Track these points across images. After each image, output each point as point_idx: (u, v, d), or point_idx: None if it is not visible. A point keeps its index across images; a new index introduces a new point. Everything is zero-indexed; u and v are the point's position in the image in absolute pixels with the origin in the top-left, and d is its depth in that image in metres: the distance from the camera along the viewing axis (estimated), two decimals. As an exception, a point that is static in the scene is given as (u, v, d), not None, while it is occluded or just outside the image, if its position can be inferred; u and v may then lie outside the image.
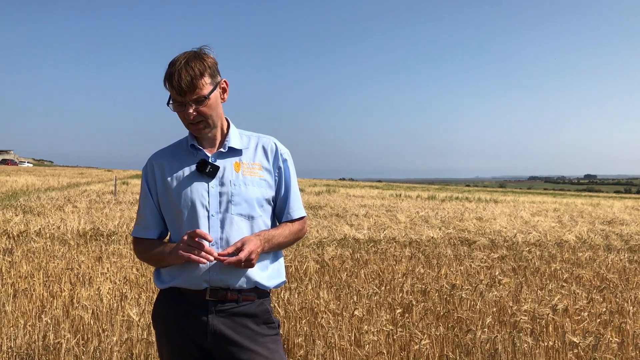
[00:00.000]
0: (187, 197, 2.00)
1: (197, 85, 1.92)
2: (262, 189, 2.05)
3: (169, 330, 2.05)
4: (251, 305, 2.03)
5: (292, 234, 2.12)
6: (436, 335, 4.21)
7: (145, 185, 2.12)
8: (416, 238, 10.29)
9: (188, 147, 2.07)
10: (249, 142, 2.12)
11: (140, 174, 2.35)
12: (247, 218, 2.02)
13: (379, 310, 4.88)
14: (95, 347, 3.94)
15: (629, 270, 7.66)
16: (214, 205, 1.99)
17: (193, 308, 2.00)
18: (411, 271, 6.82)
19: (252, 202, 2.02)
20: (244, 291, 2.01)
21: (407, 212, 16.96)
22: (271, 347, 2.04)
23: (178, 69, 1.91)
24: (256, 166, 2.07)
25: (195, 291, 1.99)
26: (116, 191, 21.33)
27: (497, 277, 6.47)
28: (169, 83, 1.94)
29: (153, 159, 2.12)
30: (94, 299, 4.95)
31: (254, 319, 2.03)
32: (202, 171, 2.01)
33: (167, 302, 2.07)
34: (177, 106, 1.97)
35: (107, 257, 6.97)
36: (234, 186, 2.01)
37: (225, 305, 1.99)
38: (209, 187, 2.00)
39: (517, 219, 15.58)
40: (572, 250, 9.60)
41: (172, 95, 1.96)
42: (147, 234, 2.10)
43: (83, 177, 42.08)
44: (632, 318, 4.91)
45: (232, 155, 2.07)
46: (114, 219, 11.30)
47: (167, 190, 2.04)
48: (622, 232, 13.12)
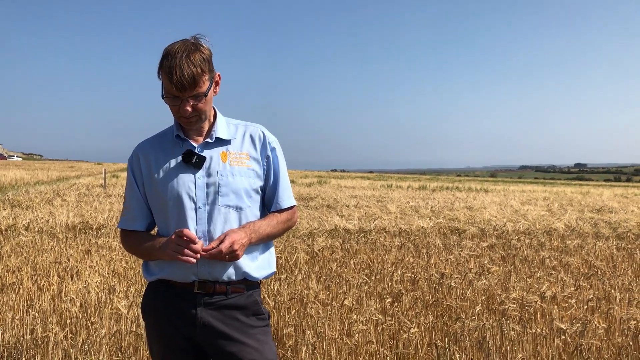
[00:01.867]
0: (174, 188, 1.96)
1: (198, 83, 1.87)
2: (250, 179, 2.01)
3: (158, 322, 2.04)
4: (240, 297, 2.01)
5: (280, 224, 2.09)
6: (425, 324, 4.23)
7: (131, 176, 2.07)
8: (406, 228, 10.31)
9: (174, 137, 2.03)
10: (236, 132, 2.07)
11: None
12: (235, 209, 1.98)
13: (369, 300, 4.89)
14: (84, 340, 3.94)
15: (616, 257, 7.71)
16: (201, 196, 1.96)
17: (181, 301, 1.98)
18: (401, 261, 6.84)
19: (239, 192, 1.98)
20: (232, 283, 1.99)
21: (397, 202, 17.00)
22: (261, 338, 2.03)
23: (179, 63, 1.83)
24: (244, 156, 2.02)
25: (183, 284, 1.97)
26: (106, 184, 21.22)
27: (486, 265, 6.51)
28: (167, 76, 1.85)
29: (138, 149, 2.08)
30: (82, 292, 4.93)
31: (243, 311, 2.01)
32: (188, 162, 1.96)
33: (156, 295, 2.05)
34: (172, 100, 1.91)
35: (96, 250, 6.94)
36: (221, 177, 1.97)
37: (213, 297, 1.97)
38: (196, 178, 1.97)
39: (507, 208, 15.65)
40: (561, 238, 9.66)
41: (167, 88, 1.89)
42: (134, 225, 2.07)
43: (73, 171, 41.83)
44: (618, 304, 4.96)
45: (219, 144, 2.02)
46: (103, 212, 11.24)
47: (153, 181, 2.00)
48: (610, 219, 13.22)
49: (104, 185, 20.81)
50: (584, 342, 3.85)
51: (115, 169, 49.49)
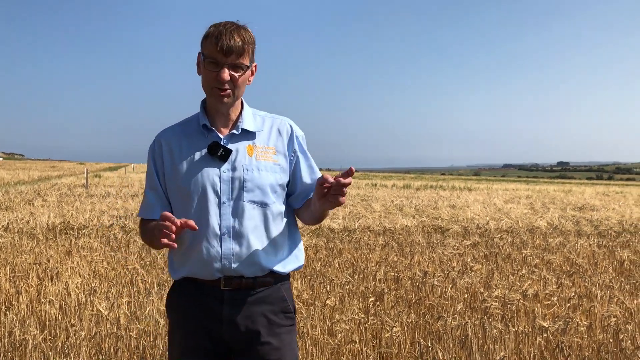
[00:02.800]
0: (198, 182, 1.90)
1: (243, 51, 1.85)
2: (276, 174, 1.96)
3: (182, 319, 2.00)
4: (268, 291, 1.96)
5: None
6: (408, 323, 4.23)
7: (151, 165, 2.00)
8: (390, 227, 10.33)
9: (199, 127, 1.96)
10: (263, 124, 2.01)
11: (113, 166, 2.26)
12: (260, 205, 1.93)
13: (352, 299, 4.88)
14: (63, 343, 3.88)
15: (597, 254, 7.79)
16: (226, 191, 1.90)
17: (208, 298, 1.94)
18: (384, 259, 6.85)
19: (265, 188, 1.93)
20: (259, 277, 1.95)
21: (382, 201, 17.04)
22: (285, 338, 1.99)
23: (230, 28, 1.84)
24: (270, 150, 1.97)
25: (209, 281, 1.93)
26: (88, 184, 21.02)
27: (469, 264, 6.53)
28: (214, 40, 1.82)
29: (161, 137, 2.01)
30: (62, 293, 4.86)
31: (270, 307, 1.97)
32: (214, 154, 1.90)
33: (182, 292, 2.01)
34: (212, 65, 1.86)
35: (77, 251, 6.85)
36: (246, 171, 1.91)
37: (240, 293, 1.93)
38: (221, 172, 1.91)
39: (490, 207, 15.75)
40: (543, 236, 9.73)
41: (209, 53, 1.85)
42: (151, 214, 1.99)
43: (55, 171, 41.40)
44: (600, 302, 5.00)
45: (246, 137, 1.96)
46: (85, 212, 11.12)
47: (175, 172, 1.94)
48: (592, 217, 13.36)
49: (86, 185, 20.61)
50: (565, 340, 3.87)
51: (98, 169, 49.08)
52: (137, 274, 5.63)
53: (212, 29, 1.86)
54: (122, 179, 28.00)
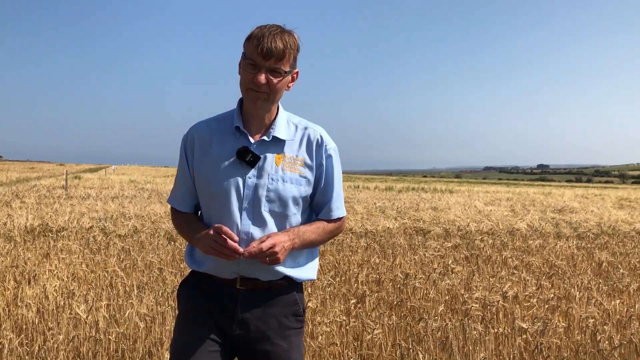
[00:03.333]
0: (223, 183, 1.91)
1: (283, 56, 1.84)
2: (300, 187, 1.95)
3: (193, 313, 2.00)
4: (281, 295, 1.99)
5: (326, 233, 2.04)
6: (389, 325, 4.24)
7: (183, 156, 2.02)
8: (372, 229, 10.35)
9: (232, 127, 1.95)
10: (295, 133, 1.99)
11: (93, 167, 2.24)
12: (280, 216, 1.94)
13: (333, 302, 4.88)
14: (40, 347, 3.82)
15: (576, 256, 7.88)
16: (248, 196, 1.91)
17: (223, 295, 1.96)
18: (366, 261, 6.86)
19: (287, 200, 1.93)
20: (274, 281, 1.97)
21: (364, 203, 17.07)
22: (293, 340, 2.02)
23: (274, 32, 1.82)
24: (298, 162, 1.96)
25: (225, 280, 1.95)
26: (67, 186, 20.77)
27: (450, 265, 6.57)
28: (256, 42, 1.82)
29: (195, 130, 2.01)
30: (39, 297, 4.79)
31: (282, 310, 1.99)
32: (242, 159, 1.90)
33: (197, 286, 2.02)
34: (251, 67, 1.85)
35: (55, 253, 6.76)
36: (271, 181, 1.91)
37: (255, 293, 1.96)
38: (246, 177, 1.91)
39: (471, 209, 15.87)
40: (523, 238, 9.83)
41: (250, 54, 1.85)
42: (180, 205, 2.05)
43: (34, 172, 40.81)
44: (578, 303, 5.06)
45: (276, 145, 1.95)
46: (64, 214, 10.99)
47: (204, 168, 1.96)
48: (571, 219, 13.52)
49: (65, 187, 20.35)
50: (544, 341, 3.91)
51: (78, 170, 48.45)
52: (117, 276, 5.57)
53: (257, 30, 1.86)
54: (103, 181, 27.71)
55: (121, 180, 28.34)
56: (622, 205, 20.24)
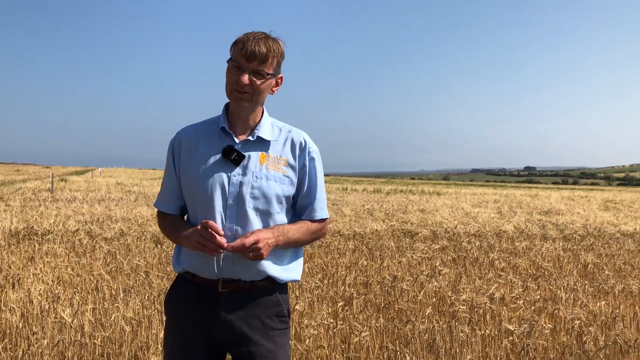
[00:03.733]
0: (208, 181, 1.97)
1: (266, 59, 1.92)
2: (283, 185, 2.01)
3: (179, 315, 2.05)
4: (264, 297, 2.02)
5: (310, 233, 2.09)
6: (376, 327, 4.24)
7: (170, 159, 2.09)
8: (360, 231, 10.36)
9: (219, 129, 2.02)
10: (279, 135, 2.07)
11: (80, 170, 2.26)
12: (263, 213, 1.98)
13: (321, 304, 4.87)
14: (24, 352, 3.77)
15: (562, 258, 7.94)
16: (233, 194, 1.96)
17: (206, 298, 1.99)
18: (354, 264, 6.86)
19: (271, 198, 1.98)
20: (256, 282, 1.99)
21: (352, 205, 17.08)
22: (278, 341, 2.04)
23: (258, 37, 1.92)
24: (282, 161, 2.03)
25: (208, 280, 1.99)
26: (53, 188, 20.59)
27: (437, 267, 6.58)
28: (241, 45, 1.91)
29: (182, 133, 2.08)
30: (24, 301, 4.74)
31: (265, 311, 2.02)
32: (227, 158, 1.97)
33: (182, 289, 2.06)
34: (235, 69, 1.93)
35: (40, 257, 6.69)
36: (255, 179, 1.97)
37: (237, 295, 1.99)
38: (231, 175, 1.97)
39: (459, 211, 15.94)
40: (510, 240, 9.88)
41: (235, 57, 1.93)
42: (166, 208, 2.11)
43: (19, 175, 40.44)
44: (564, 304, 5.09)
45: (260, 145, 2.02)
46: (49, 217, 10.89)
47: (190, 169, 2.02)
48: (557, 221, 13.63)
49: (51, 190, 20.18)
50: (530, 343, 3.93)
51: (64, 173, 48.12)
52: (103, 280, 5.53)
53: (243, 36, 1.95)
54: (89, 183, 27.51)
55: (108, 183, 28.17)
56: (607, 207, 20.44)
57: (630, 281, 6.32)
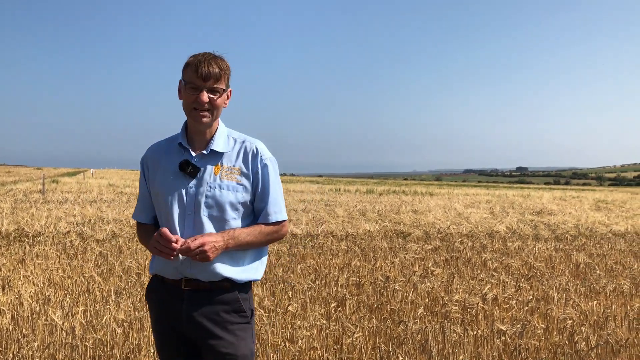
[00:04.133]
0: (168, 193, 2.15)
1: (219, 77, 2.10)
2: (237, 193, 2.15)
3: (155, 313, 2.27)
4: (224, 295, 2.16)
5: (263, 235, 2.20)
6: (369, 328, 4.24)
7: (141, 173, 2.31)
8: (353, 232, 10.36)
9: (178, 145, 2.20)
10: (233, 146, 2.21)
11: (72, 171, 2.34)
12: (218, 220, 2.13)
13: (313, 305, 4.86)
14: (15, 354, 3.75)
15: (554, 258, 7.97)
16: (190, 204, 2.13)
17: (171, 296, 2.18)
18: (347, 265, 6.85)
19: (224, 206, 2.13)
20: (215, 282, 2.14)
21: (345, 206, 17.09)
22: (238, 334, 2.18)
23: (208, 58, 2.10)
24: (235, 171, 2.17)
25: (173, 280, 2.17)
26: (44, 190, 20.47)
27: (430, 268, 6.59)
28: (193, 67, 2.08)
29: (149, 150, 2.28)
30: (14, 303, 4.70)
31: (225, 307, 2.16)
32: (184, 171, 2.14)
33: (154, 289, 2.27)
34: (192, 90, 2.09)
35: (31, 259, 6.65)
36: (210, 189, 2.12)
37: (199, 294, 2.15)
38: (188, 187, 2.14)
39: (451, 211, 15.97)
40: (503, 240, 9.91)
41: (190, 79, 2.09)
42: (139, 217, 2.32)
43: (10, 176, 40.21)
44: (556, 304, 5.10)
45: (214, 157, 2.17)
46: (40, 218, 10.82)
47: (154, 183, 2.21)
48: (549, 221, 13.67)
49: (42, 191, 20.06)
50: (523, 343, 3.93)
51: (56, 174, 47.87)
52: (94, 282, 5.50)
53: (192, 58, 2.12)
54: (81, 185, 27.38)
55: (100, 184, 28.04)
56: (599, 207, 20.54)
57: (622, 281, 6.34)
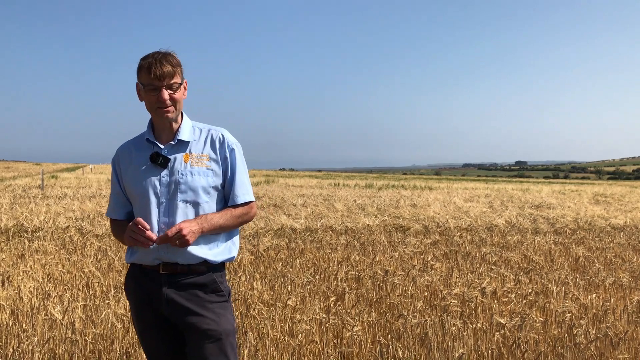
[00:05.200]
0: (142, 185, 2.28)
1: (174, 73, 2.23)
2: (208, 177, 2.29)
3: (134, 300, 2.37)
4: (200, 277, 2.30)
5: (233, 218, 2.34)
6: (369, 322, 4.24)
7: (113, 172, 2.43)
8: (352, 226, 10.36)
9: (146, 141, 2.34)
10: (199, 135, 2.36)
11: (71, 167, 2.40)
12: (193, 204, 2.27)
13: (313, 299, 4.87)
14: (15, 349, 3.75)
15: (554, 251, 7.97)
16: (164, 192, 2.27)
17: (150, 281, 2.30)
18: (346, 259, 6.86)
19: (197, 189, 2.27)
20: (192, 265, 2.28)
21: (344, 200, 17.09)
22: (218, 311, 2.31)
23: (158, 58, 2.20)
24: (204, 157, 2.31)
25: (151, 266, 2.29)
26: (43, 185, 20.46)
27: (429, 262, 6.60)
28: (146, 70, 2.19)
29: (120, 150, 2.42)
30: (13, 298, 4.70)
31: (202, 289, 2.30)
32: (155, 162, 2.27)
33: (132, 276, 2.38)
34: (152, 90, 2.22)
35: (30, 254, 6.65)
36: (181, 175, 2.27)
37: (177, 277, 2.28)
38: (161, 176, 2.28)
39: (450, 205, 15.97)
40: (502, 234, 9.91)
41: (146, 81, 2.21)
42: (114, 214, 2.44)
43: (9, 172, 40.17)
44: (555, 298, 5.11)
45: (182, 147, 2.32)
46: (39, 214, 10.82)
47: (127, 178, 2.34)
48: (548, 215, 13.68)
49: (41, 186, 20.05)
50: (522, 336, 3.94)
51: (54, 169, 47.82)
52: (94, 276, 5.50)
53: (143, 62, 2.23)
54: (80, 180, 27.36)
55: (99, 179, 28.01)
56: (598, 201, 20.55)
57: (621, 274, 6.35)
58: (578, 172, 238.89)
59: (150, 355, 2.42)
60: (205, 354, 2.28)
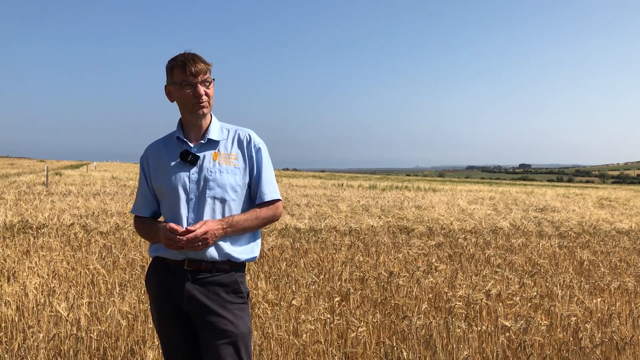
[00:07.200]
0: (172, 182, 2.35)
1: (206, 70, 2.33)
2: (235, 176, 2.37)
3: (155, 293, 2.42)
4: (223, 276, 2.34)
5: (259, 219, 2.40)
6: (373, 323, 4.24)
7: (141, 171, 2.50)
8: (356, 227, 10.36)
9: (176, 139, 2.40)
10: (228, 135, 2.44)
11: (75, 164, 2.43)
12: (220, 201, 2.34)
13: (317, 299, 4.87)
14: (20, 345, 3.75)
15: (558, 255, 7.95)
16: (193, 189, 2.34)
17: (173, 276, 2.34)
18: (350, 259, 6.85)
19: (225, 187, 2.34)
20: (217, 263, 2.33)
21: (348, 201, 17.08)
22: (237, 313, 2.36)
23: (190, 56, 2.30)
24: (232, 156, 2.39)
25: (175, 261, 2.34)
26: (48, 182, 20.51)
27: (433, 264, 6.59)
28: (181, 67, 2.29)
29: (149, 149, 2.49)
30: (19, 294, 4.71)
31: (224, 288, 2.34)
32: (184, 160, 2.35)
33: (155, 271, 2.42)
34: (187, 87, 2.30)
35: (35, 250, 6.66)
36: (210, 173, 2.34)
37: (200, 274, 2.32)
38: (190, 173, 2.35)
39: (454, 207, 15.94)
40: (506, 236, 9.89)
41: (180, 79, 2.30)
42: (141, 212, 2.49)
43: (13, 168, 40.29)
44: (560, 301, 5.10)
45: (212, 145, 2.40)
46: (44, 210, 10.84)
47: (158, 176, 2.40)
48: (553, 218, 13.65)
49: (46, 183, 20.10)
50: (527, 339, 3.93)
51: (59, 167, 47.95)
52: (99, 274, 5.51)
53: (174, 61, 2.32)
54: (84, 177, 27.43)
55: (103, 177, 28.07)
56: (602, 205, 20.49)
57: (626, 278, 6.33)
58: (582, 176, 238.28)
59: (165, 347, 2.46)
60: (221, 355, 2.31)
